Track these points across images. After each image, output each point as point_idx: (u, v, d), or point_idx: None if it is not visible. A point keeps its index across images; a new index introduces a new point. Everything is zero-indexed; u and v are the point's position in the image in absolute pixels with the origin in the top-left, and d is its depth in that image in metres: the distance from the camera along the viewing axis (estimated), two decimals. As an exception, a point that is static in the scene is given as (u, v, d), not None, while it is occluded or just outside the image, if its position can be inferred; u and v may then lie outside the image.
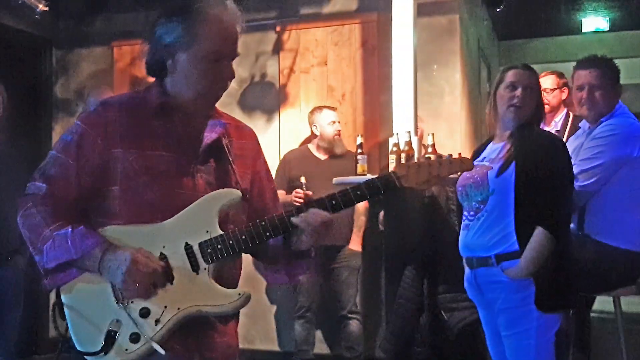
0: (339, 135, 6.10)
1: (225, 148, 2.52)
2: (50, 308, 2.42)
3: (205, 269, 2.37)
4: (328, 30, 6.69)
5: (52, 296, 2.44)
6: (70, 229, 2.33)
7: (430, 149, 5.21)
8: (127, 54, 7.33)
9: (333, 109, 6.19)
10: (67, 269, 2.36)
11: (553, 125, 5.07)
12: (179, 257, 2.37)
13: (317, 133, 6.09)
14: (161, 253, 2.36)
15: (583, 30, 9.68)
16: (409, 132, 5.33)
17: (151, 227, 2.38)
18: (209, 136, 2.49)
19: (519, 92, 3.65)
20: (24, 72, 7.39)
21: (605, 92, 4.12)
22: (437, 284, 5.17)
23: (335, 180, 5.40)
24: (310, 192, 5.65)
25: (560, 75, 5.75)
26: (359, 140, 5.55)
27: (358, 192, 2.41)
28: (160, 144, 2.42)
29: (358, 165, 5.44)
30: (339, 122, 6.13)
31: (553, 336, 3.47)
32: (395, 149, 5.27)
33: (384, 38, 6.28)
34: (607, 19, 9.53)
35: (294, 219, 2.41)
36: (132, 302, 2.33)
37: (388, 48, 5.86)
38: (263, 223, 2.41)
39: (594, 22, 9.58)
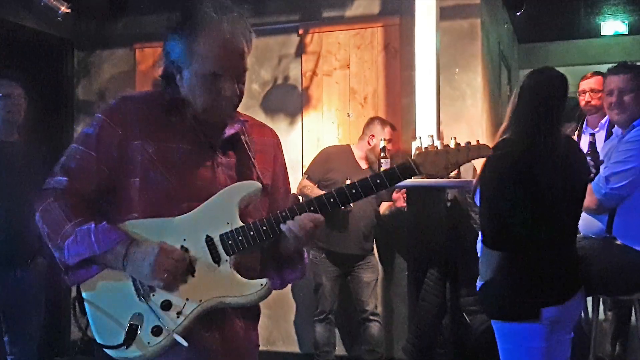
0: (385, 154, 5.88)
1: (245, 144, 2.51)
2: (71, 303, 2.41)
3: (226, 260, 2.34)
4: (350, 33, 6.71)
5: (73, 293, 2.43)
6: (93, 225, 2.31)
7: (452, 153, 5.21)
8: (149, 55, 7.35)
9: (394, 128, 6.13)
10: (88, 265, 2.35)
11: (599, 127, 5.04)
12: (199, 250, 2.35)
13: (372, 144, 6.02)
14: (182, 246, 2.34)
15: (602, 34, 9.72)
16: (432, 135, 5.34)
17: (171, 220, 2.36)
18: (227, 131, 2.47)
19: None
20: (46, 73, 7.42)
21: (635, 96, 4.13)
22: (460, 287, 5.19)
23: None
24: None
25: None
26: (382, 143, 5.55)
27: (378, 181, 2.38)
28: (179, 137, 2.41)
29: (381, 168, 5.43)
30: (391, 140, 6.00)
31: (539, 344, 3.41)
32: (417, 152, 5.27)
33: (406, 41, 6.31)
34: (626, 22, 9.56)
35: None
36: (153, 295, 2.32)
37: (410, 51, 5.87)
38: (284, 214, 2.38)
39: (613, 25, 9.61)
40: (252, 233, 2.35)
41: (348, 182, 5.45)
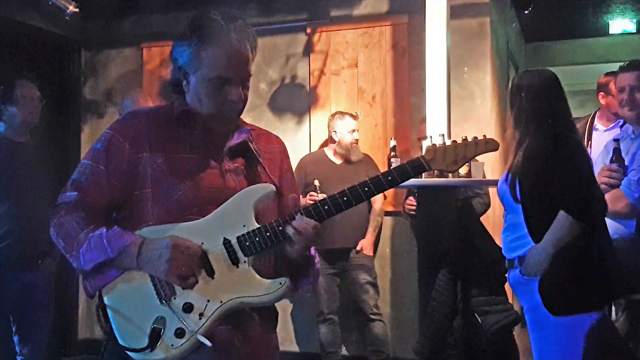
0: (357, 143, 6.11)
1: (254, 151, 2.57)
2: (94, 310, 2.42)
3: (245, 261, 2.38)
4: (358, 32, 6.70)
5: (82, 299, 2.43)
6: (104, 229, 2.37)
7: (461, 153, 5.19)
8: (157, 55, 7.36)
9: (355, 117, 6.18)
10: (106, 270, 2.39)
11: (614, 125, 5.02)
12: (218, 252, 2.39)
13: (336, 139, 6.10)
14: (200, 248, 2.39)
15: (610, 32, 9.64)
16: (443, 135, 5.30)
17: (188, 224, 2.40)
18: (234, 139, 2.54)
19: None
20: (53, 73, 7.42)
21: None
22: (471, 287, 5.16)
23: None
24: (324, 195, 5.66)
25: None
26: (392, 143, 5.53)
27: (389, 177, 2.41)
28: (187, 147, 2.48)
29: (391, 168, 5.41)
30: (357, 130, 6.13)
31: (582, 339, 3.40)
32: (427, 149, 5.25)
33: (414, 40, 6.31)
34: (635, 21, 9.50)
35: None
36: (174, 298, 2.35)
37: (418, 50, 5.86)
38: (300, 213, 2.41)
39: (621, 24, 9.54)
40: (268, 234, 2.40)
41: (316, 182, 5.70)
